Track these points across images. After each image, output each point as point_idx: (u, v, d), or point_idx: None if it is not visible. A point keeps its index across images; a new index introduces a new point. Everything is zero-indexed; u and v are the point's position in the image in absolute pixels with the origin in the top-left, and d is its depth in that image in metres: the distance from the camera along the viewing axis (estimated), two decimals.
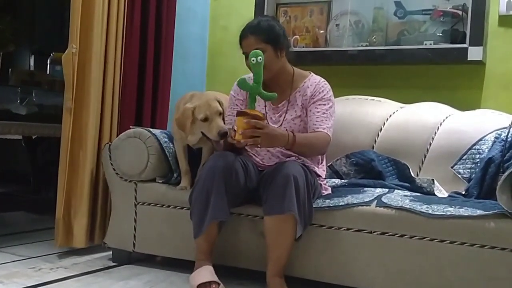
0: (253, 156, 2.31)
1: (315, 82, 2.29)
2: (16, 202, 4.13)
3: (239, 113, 1.97)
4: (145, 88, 2.84)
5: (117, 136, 2.60)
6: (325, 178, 2.39)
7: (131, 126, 2.54)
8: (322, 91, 2.26)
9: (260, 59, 2.00)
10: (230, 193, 2.07)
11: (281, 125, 2.27)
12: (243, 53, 2.22)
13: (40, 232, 3.00)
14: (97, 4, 2.51)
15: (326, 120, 2.22)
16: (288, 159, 2.18)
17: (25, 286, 2.08)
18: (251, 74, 2.12)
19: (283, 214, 1.96)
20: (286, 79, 2.30)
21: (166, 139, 2.49)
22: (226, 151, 2.18)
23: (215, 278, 2.05)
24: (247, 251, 2.23)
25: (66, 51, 2.48)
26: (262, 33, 2.18)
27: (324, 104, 2.25)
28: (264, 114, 2.14)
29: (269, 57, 2.15)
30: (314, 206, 2.09)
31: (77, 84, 2.50)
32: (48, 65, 4.07)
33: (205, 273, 2.07)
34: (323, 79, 2.32)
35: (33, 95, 3.52)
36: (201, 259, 2.13)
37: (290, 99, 2.30)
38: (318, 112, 2.23)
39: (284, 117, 2.29)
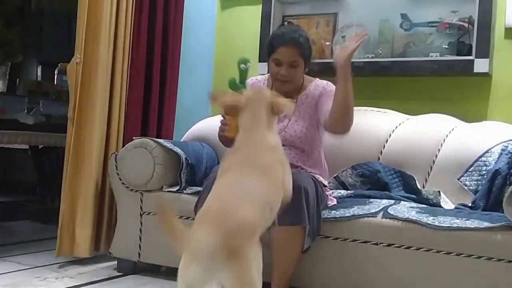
0: None
1: (322, 84, 2.31)
2: (22, 211, 4.14)
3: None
4: (151, 99, 2.85)
5: (123, 146, 2.61)
6: (330, 189, 2.39)
7: (133, 138, 2.55)
8: (332, 88, 2.22)
9: (249, 65, 2.06)
10: None
11: (286, 126, 2.27)
12: (272, 58, 2.21)
13: (45, 242, 3.00)
14: (104, 16, 2.54)
15: None
16: (295, 169, 2.18)
17: None
18: (259, 77, 2.28)
19: (294, 225, 1.95)
20: (297, 86, 2.31)
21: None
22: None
23: None
24: None
25: (71, 61, 2.51)
26: (303, 48, 2.19)
27: None
28: None
29: (299, 73, 2.23)
30: (324, 217, 2.09)
31: (81, 94, 2.52)
32: (56, 75, 4.10)
33: None
34: (329, 82, 2.31)
35: (40, 105, 3.56)
36: None
37: (297, 102, 2.28)
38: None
39: (289, 120, 2.29)
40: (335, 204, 2.28)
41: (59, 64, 4.11)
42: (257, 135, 1.71)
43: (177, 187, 2.44)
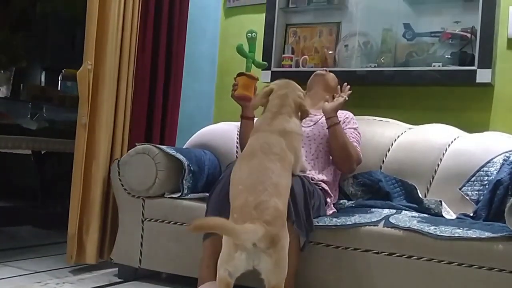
0: None
1: (342, 113, 2.50)
2: (24, 217, 4.14)
3: (239, 74, 2.32)
4: (155, 105, 2.86)
5: (127, 152, 2.62)
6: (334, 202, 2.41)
7: (136, 144, 2.56)
8: (348, 116, 2.55)
9: (255, 34, 2.37)
10: None
11: (314, 124, 2.48)
12: None
13: (47, 247, 3.00)
14: (111, 23, 2.55)
15: (357, 143, 2.47)
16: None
17: None
18: None
19: None
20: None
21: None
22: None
23: None
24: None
25: (81, 68, 2.52)
26: None
27: (355, 129, 2.52)
28: (258, 78, 2.37)
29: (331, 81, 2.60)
30: (320, 224, 2.09)
31: (91, 100, 2.53)
32: (59, 81, 4.12)
33: None
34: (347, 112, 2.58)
35: (44, 110, 3.57)
36: (206, 267, 2.08)
37: (319, 121, 2.49)
38: (349, 135, 2.45)
39: (320, 120, 2.47)
40: (334, 212, 2.30)
41: (63, 70, 4.13)
42: (279, 119, 1.95)
43: (179, 194, 2.44)
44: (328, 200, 2.31)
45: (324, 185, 2.31)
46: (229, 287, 1.69)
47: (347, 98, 2.40)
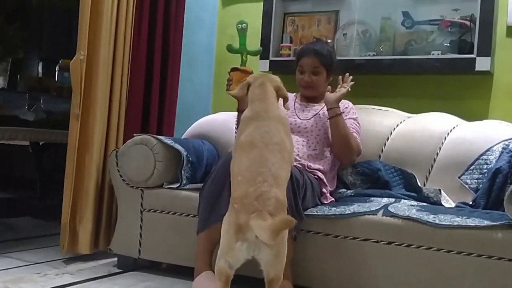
0: None
1: (342, 102, 2.46)
2: (22, 208, 4.14)
3: (233, 69, 2.34)
4: (152, 96, 2.85)
5: (124, 142, 2.61)
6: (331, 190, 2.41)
7: (134, 134, 2.55)
8: (347, 106, 2.52)
9: (245, 25, 2.37)
10: None
11: (310, 118, 2.46)
12: (298, 68, 2.50)
13: (46, 238, 3.00)
14: (105, 12, 2.53)
15: (356, 134, 2.47)
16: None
17: None
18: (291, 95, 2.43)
19: None
20: (320, 94, 2.51)
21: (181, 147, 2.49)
22: None
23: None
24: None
25: (74, 58, 2.50)
26: (324, 58, 2.46)
27: (354, 119, 2.50)
28: (252, 71, 2.38)
29: (321, 80, 2.48)
30: (319, 213, 2.10)
31: (84, 90, 2.52)
32: (56, 72, 4.10)
33: (206, 281, 2.03)
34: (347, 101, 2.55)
35: (41, 101, 3.55)
36: (201, 259, 2.10)
37: (319, 112, 2.49)
38: (349, 125, 2.44)
39: (315, 114, 2.47)
40: (332, 201, 2.30)
41: (59, 61, 4.10)
42: (270, 105, 1.95)
43: (178, 184, 2.44)
44: (324, 190, 2.31)
45: (319, 174, 2.32)
46: (229, 279, 1.68)
47: (349, 89, 2.39)
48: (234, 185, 1.77)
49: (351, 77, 2.44)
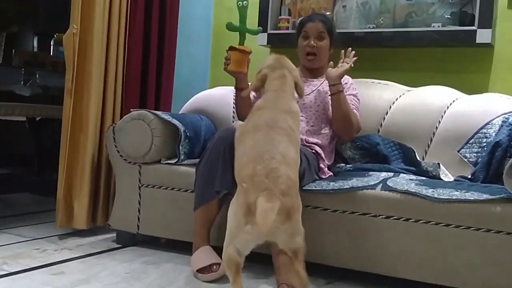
0: None
1: (344, 77, 2.42)
2: (21, 184, 4.14)
3: (231, 48, 2.27)
4: (149, 70, 2.81)
5: (121, 117, 2.59)
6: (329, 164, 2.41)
7: (131, 110, 2.53)
8: (347, 82, 2.49)
9: (246, 3, 2.28)
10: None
11: (309, 93, 2.43)
12: (301, 34, 2.48)
13: (44, 214, 3.01)
14: None
15: (356, 110, 2.46)
16: None
17: (29, 267, 2.09)
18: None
19: None
20: (322, 67, 2.51)
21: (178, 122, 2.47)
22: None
23: (214, 259, 2.05)
24: None
25: (67, 32, 2.46)
26: (328, 23, 2.47)
27: (354, 95, 2.49)
28: (251, 50, 2.32)
29: (325, 47, 2.46)
30: (318, 188, 2.09)
31: (78, 65, 2.49)
32: (52, 46, 4.05)
33: (204, 256, 2.07)
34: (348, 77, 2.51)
35: (37, 76, 3.52)
36: (198, 235, 2.13)
37: (319, 86, 2.47)
38: (349, 101, 2.42)
39: (314, 90, 2.45)
40: (331, 175, 2.30)
41: (55, 35, 4.05)
42: (283, 98, 1.88)
43: (176, 160, 2.43)
44: (322, 165, 2.30)
45: (317, 148, 2.32)
46: (239, 267, 1.57)
47: (352, 65, 2.35)
48: (240, 166, 1.68)
49: (353, 52, 2.39)
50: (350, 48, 2.41)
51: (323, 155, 2.33)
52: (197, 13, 3.38)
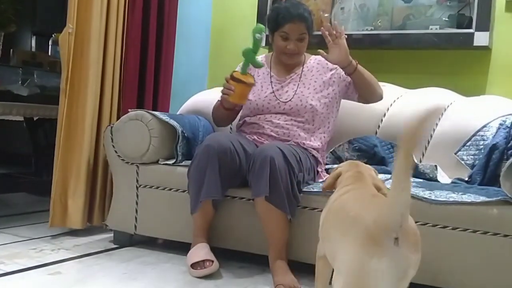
0: (257, 139, 2.30)
1: (323, 58, 2.33)
2: (18, 184, 4.13)
3: (236, 80, 2.18)
4: (147, 70, 2.81)
5: (118, 118, 2.59)
6: (327, 163, 2.40)
7: (129, 110, 2.53)
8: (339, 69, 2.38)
9: (264, 34, 2.19)
10: (225, 172, 2.09)
11: (292, 98, 2.34)
12: (279, 33, 2.31)
13: (41, 214, 3.00)
14: None
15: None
16: (287, 143, 2.19)
17: (26, 267, 2.08)
18: (258, 57, 2.26)
19: (259, 197, 1.99)
20: (301, 59, 2.43)
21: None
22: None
23: (209, 256, 2.08)
24: (248, 234, 2.22)
25: (63, 31, 2.46)
26: (308, 22, 2.32)
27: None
28: (255, 82, 2.28)
29: (305, 45, 2.35)
30: (315, 190, 2.09)
31: (75, 65, 2.48)
32: (50, 46, 4.04)
33: (199, 251, 2.11)
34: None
35: (35, 76, 3.51)
36: (197, 236, 2.17)
37: (301, 76, 2.40)
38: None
39: (296, 91, 2.36)
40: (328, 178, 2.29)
41: (53, 35, 4.04)
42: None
43: (173, 160, 2.43)
44: (319, 169, 2.31)
45: (314, 152, 2.30)
46: None
47: (346, 36, 2.25)
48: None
49: (336, 23, 2.31)
50: (335, 22, 2.34)
51: (320, 159, 2.33)
52: (195, 14, 3.38)
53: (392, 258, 1.16)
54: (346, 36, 2.25)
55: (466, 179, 2.30)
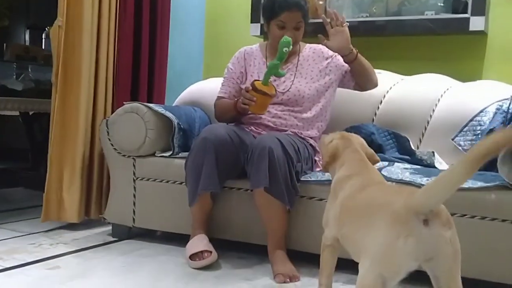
0: (254, 129, 2.29)
1: (318, 47, 2.35)
2: (15, 178, 4.12)
3: (259, 91, 2.11)
4: (141, 62, 2.80)
5: (112, 111, 2.58)
6: None
7: (124, 102, 2.51)
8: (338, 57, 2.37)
9: (291, 48, 2.12)
10: (222, 164, 2.08)
11: (289, 88, 2.33)
12: (275, 22, 2.28)
13: (39, 208, 2.95)
14: None
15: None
16: (285, 133, 2.19)
17: (25, 262, 2.08)
18: (252, 47, 2.30)
19: (258, 188, 1.99)
20: (295, 48, 2.36)
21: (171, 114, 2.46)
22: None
23: (207, 247, 2.09)
24: (247, 224, 2.22)
25: (54, 25, 2.45)
26: (304, 10, 2.29)
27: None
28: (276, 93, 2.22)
29: (301, 34, 2.32)
30: (313, 179, 2.09)
31: (66, 58, 2.47)
32: (44, 40, 4.02)
33: (198, 243, 2.11)
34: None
35: (29, 70, 3.50)
36: (196, 228, 2.18)
37: (297, 66, 2.38)
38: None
39: (293, 81, 2.35)
40: None
41: (46, 28, 4.02)
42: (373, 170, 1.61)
43: (170, 152, 2.42)
44: (316, 158, 2.30)
45: (312, 141, 2.30)
46: None
47: (348, 24, 2.27)
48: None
49: (335, 11, 2.29)
50: (334, 10, 2.31)
51: (317, 147, 2.32)
52: (189, 4, 3.35)
53: (420, 238, 1.16)
54: (348, 23, 2.24)
55: None
